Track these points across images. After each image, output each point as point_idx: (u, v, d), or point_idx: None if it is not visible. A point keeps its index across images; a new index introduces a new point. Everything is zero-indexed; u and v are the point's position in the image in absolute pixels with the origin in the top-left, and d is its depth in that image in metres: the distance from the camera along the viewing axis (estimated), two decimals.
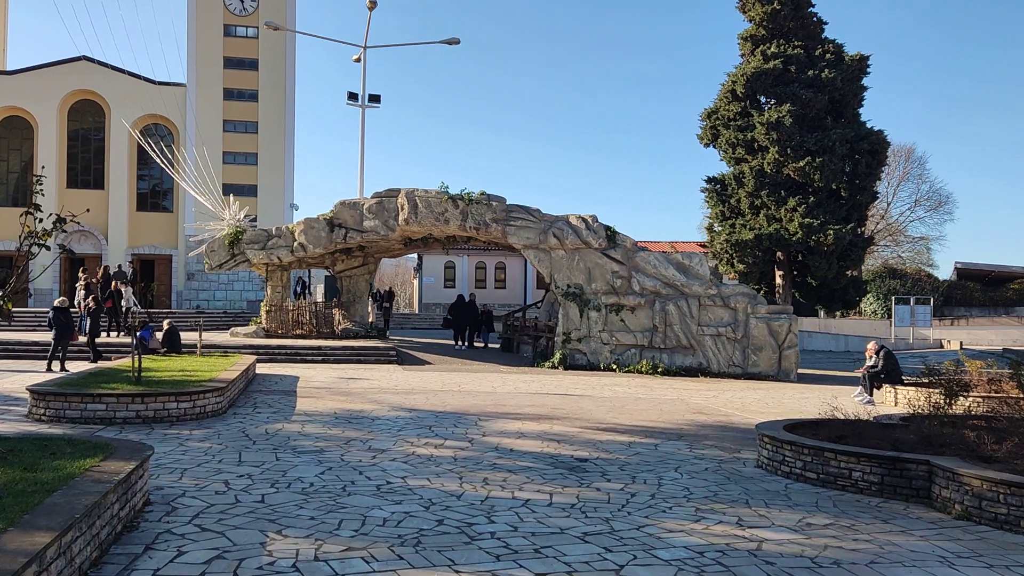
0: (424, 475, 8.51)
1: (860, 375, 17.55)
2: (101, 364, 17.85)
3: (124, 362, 16.71)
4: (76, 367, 17.48)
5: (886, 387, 17.06)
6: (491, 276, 52.51)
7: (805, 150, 26.59)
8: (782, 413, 14.82)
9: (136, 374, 12.76)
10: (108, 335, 25.39)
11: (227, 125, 43.66)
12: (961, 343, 39.59)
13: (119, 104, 41.81)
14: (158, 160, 35.00)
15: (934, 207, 58.29)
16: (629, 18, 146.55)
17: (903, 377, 17.32)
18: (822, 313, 39.92)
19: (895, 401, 16.57)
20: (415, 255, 57.60)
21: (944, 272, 61.51)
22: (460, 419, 12.65)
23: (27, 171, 42.16)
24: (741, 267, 27.14)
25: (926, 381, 17.14)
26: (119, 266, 34.53)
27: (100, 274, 31.06)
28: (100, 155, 43.01)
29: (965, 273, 50.38)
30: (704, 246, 39.24)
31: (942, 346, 39.66)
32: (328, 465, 8.86)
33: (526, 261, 52.85)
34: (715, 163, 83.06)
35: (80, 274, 28.10)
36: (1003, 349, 35.46)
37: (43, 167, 24.71)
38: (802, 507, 7.63)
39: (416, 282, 66.04)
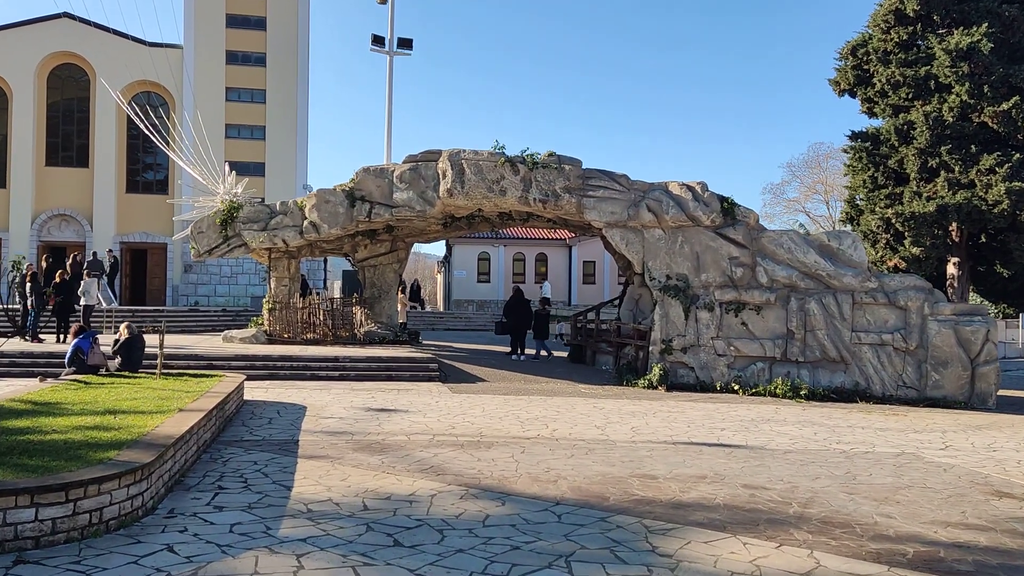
0: None
1: None
2: None
3: (41, 390, 10.71)
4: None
5: None
6: (531, 269, 46.23)
7: (1010, 88, 19.89)
8: None
9: None
10: (59, 340, 19.49)
11: (230, 93, 37.68)
12: None
13: (106, 69, 35.88)
14: (147, 132, 29.08)
15: None
16: None
17: None
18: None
19: None
20: (434, 244, 51.58)
21: None
22: (609, 530, 6.49)
23: (3, 146, 36.35)
24: (915, 251, 20.21)
25: None
26: (94, 254, 28.66)
27: (69, 263, 25.33)
28: (84, 128, 37.13)
29: None
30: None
31: None
32: None
33: (571, 251, 46.69)
34: (841, 117, 70.76)
35: (38, 263, 22.26)
36: None
37: None
38: None
39: (441, 276, 59.87)
